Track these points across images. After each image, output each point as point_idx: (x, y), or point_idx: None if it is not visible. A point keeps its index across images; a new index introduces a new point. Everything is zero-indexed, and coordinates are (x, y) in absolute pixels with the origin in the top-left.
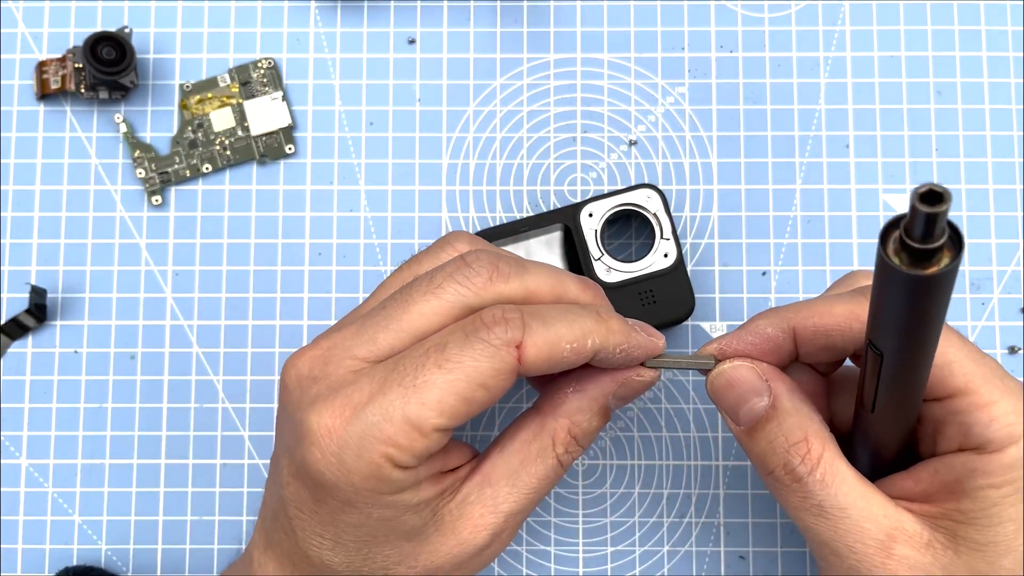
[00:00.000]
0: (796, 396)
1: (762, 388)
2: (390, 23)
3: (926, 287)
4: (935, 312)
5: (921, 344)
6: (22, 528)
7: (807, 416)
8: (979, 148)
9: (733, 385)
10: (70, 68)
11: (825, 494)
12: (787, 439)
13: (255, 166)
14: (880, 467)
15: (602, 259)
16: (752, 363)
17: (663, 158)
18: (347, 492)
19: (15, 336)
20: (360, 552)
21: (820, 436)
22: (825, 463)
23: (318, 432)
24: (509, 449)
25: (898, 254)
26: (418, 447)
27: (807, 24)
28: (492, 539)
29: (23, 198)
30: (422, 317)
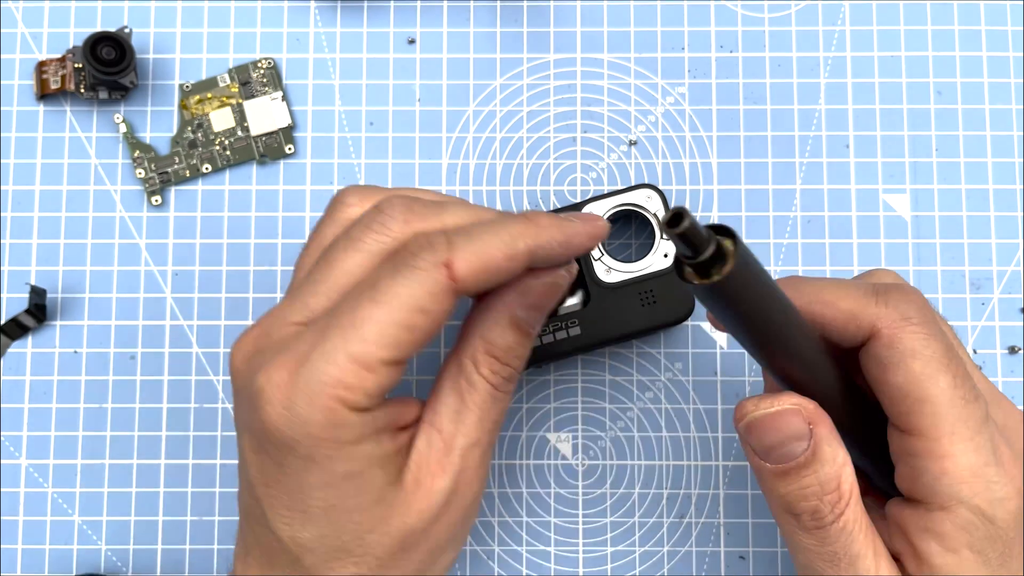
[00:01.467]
0: (835, 440)
1: (804, 433)
2: (390, 23)
3: (720, 291)
4: (746, 306)
5: (759, 335)
6: (22, 528)
7: (843, 462)
8: (979, 148)
9: (777, 427)
10: (70, 68)
11: (841, 543)
12: (822, 488)
13: (255, 166)
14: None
15: (602, 259)
16: (799, 405)
17: (663, 158)
18: (306, 445)
19: (15, 336)
20: (330, 520)
21: (850, 482)
22: (850, 511)
23: (268, 391)
24: (442, 391)
25: (690, 272)
26: (368, 384)
27: (807, 24)
28: (456, 482)
29: (23, 198)
30: (347, 274)
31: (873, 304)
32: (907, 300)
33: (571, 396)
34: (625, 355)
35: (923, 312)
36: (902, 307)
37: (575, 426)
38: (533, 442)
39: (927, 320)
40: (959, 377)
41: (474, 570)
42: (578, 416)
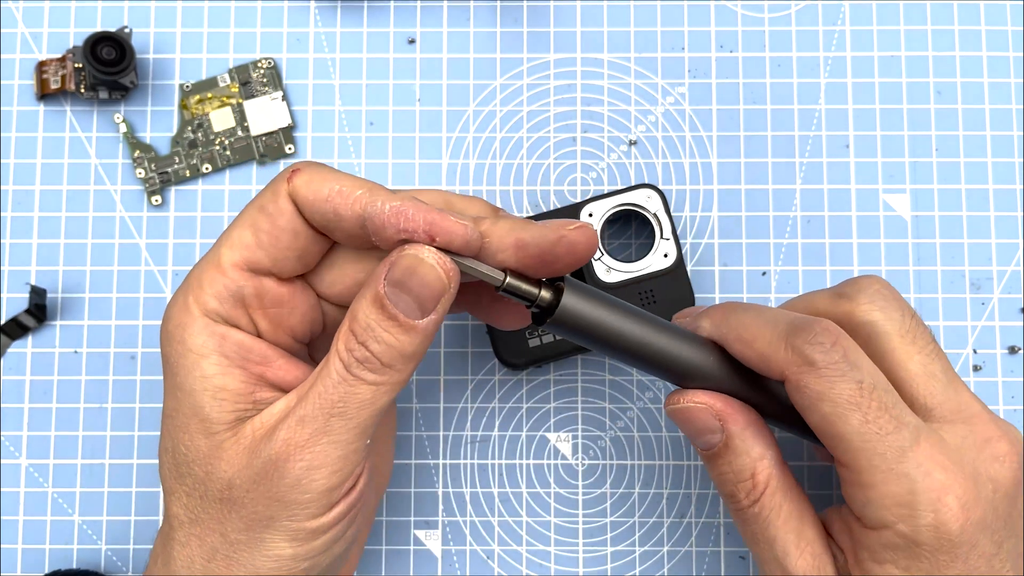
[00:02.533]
0: (749, 433)
1: (715, 427)
2: (390, 23)
3: (558, 328)
4: (585, 337)
5: (609, 351)
6: (22, 528)
7: (757, 455)
8: (979, 148)
9: (690, 420)
10: (70, 68)
11: (758, 526)
12: (735, 476)
13: (255, 166)
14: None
15: (602, 259)
16: (707, 404)
17: (663, 158)
18: (164, 342)
19: (15, 336)
20: (170, 430)
21: (767, 473)
22: (765, 498)
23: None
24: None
25: (539, 320)
26: (217, 284)
27: (807, 24)
28: (276, 452)
29: (23, 198)
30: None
31: (782, 349)
32: (814, 343)
33: (571, 396)
34: None
35: (830, 354)
36: (807, 351)
37: (575, 426)
38: (533, 442)
39: (833, 362)
40: (872, 411)
41: (474, 570)
42: (578, 416)
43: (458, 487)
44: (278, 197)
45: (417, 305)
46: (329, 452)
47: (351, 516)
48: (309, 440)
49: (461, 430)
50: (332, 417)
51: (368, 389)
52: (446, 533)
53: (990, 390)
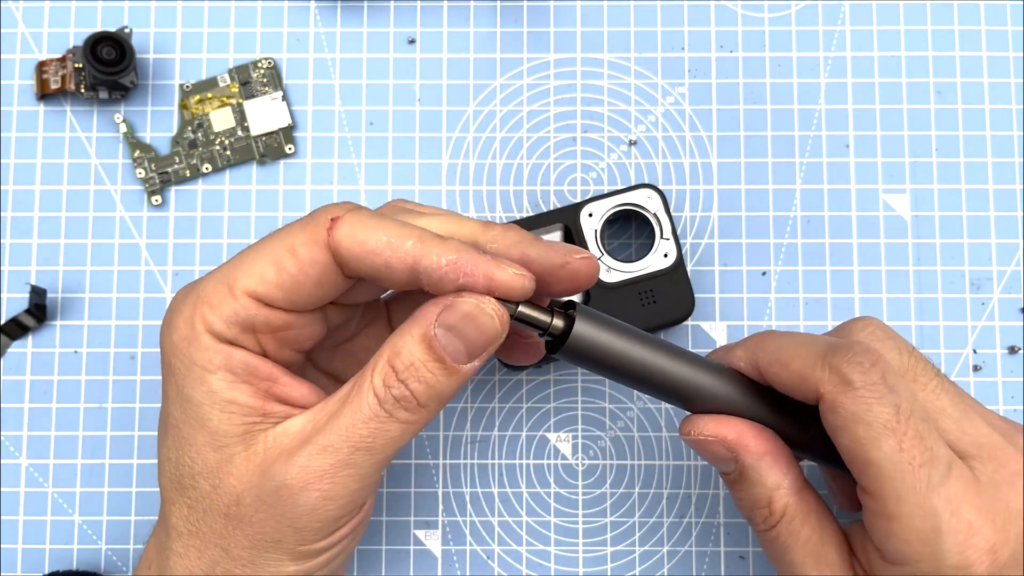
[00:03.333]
0: (764, 464)
1: (728, 458)
2: (390, 23)
3: (570, 357)
4: (598, 366)
5: (624, 379)
6: (22, 528)
7: (773, 485)
8: (979, 148)
9: (702, 451)
10: (70, 68)
11: (777, 550)
12: (753, 503)
13: (255, 166)
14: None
15: (602, 259)
16: (717, 437)
17: (663, 158)
18: (167, 353)
19: (15, 336)
20: (176, 443)
21: (783, 502)
22: (783, 525)
23: (167, 309)
24: (340, 390)
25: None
26: (225, 308)
27: (807, 24)
28: (294, 479)
29: (23, 198)
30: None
31: (818, 368)
32: (852, 362)
33: (571, 396)
34: None
35: (868, 375)
36: (845, 370)
37: (575, 426)
38: (533, 442)
39: (871, 383)
40: (907, 439)
41: (474, 570)
42: (578, 416)
43: (458, 487)
44: (314, 246)
45: (466, 350)
46: (348, 484)
47: (357, 533)
48: (330, 471)
49: (461, 430)
50: (357, 451)
51: (398, 427)
52: (446, 533)
53: (990, 390)
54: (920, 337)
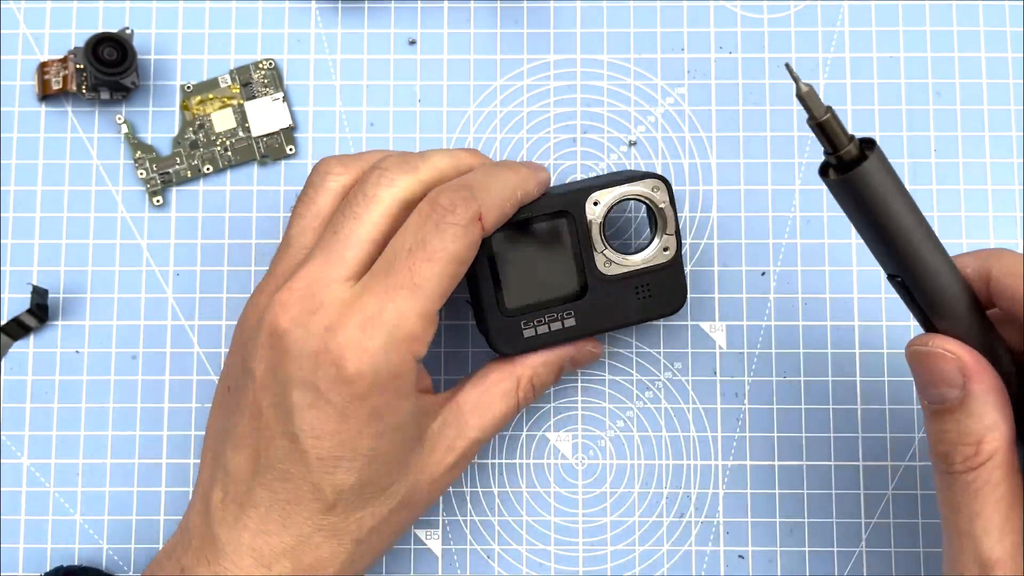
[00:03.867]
0: (990, 399)
1: (957, 382)
2: (391, 24)
3: (853, 185)
4: (878, 206)
5: (895, 243)
6: (23, 528)
7: (991, 423)
8: (978, 149)
9: (932, 368)
10: (71, 69)
11: (966, 496)
12: (960, 438)
13: (256, 167)
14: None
15: (604, 252)
16: (956, 354)
17: (663, 159)
18: (376, 395)
19: (16, 336)
20: (371, 467)
21: (994, 445)
22: (984, 470)
23: (345, 347)
24: (480, 387)
25: (830, 173)
26: (429, 334)
27: (806, 25)
28: (458, 461)
29: (25, 199)
30: (375, 226)
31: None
32: None
33: (571, 396)
34: (625, 355)
35: None
36: None
37: (575, 426)
38: (533, 441)
39: None
40: None
41: (474, 570)
42: (578, 416)
43: (458, 487)
44: (475, 246)
45: (572, 369)
46: None
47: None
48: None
49: None
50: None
51: None
52: (446, 533)
53: None
54: None
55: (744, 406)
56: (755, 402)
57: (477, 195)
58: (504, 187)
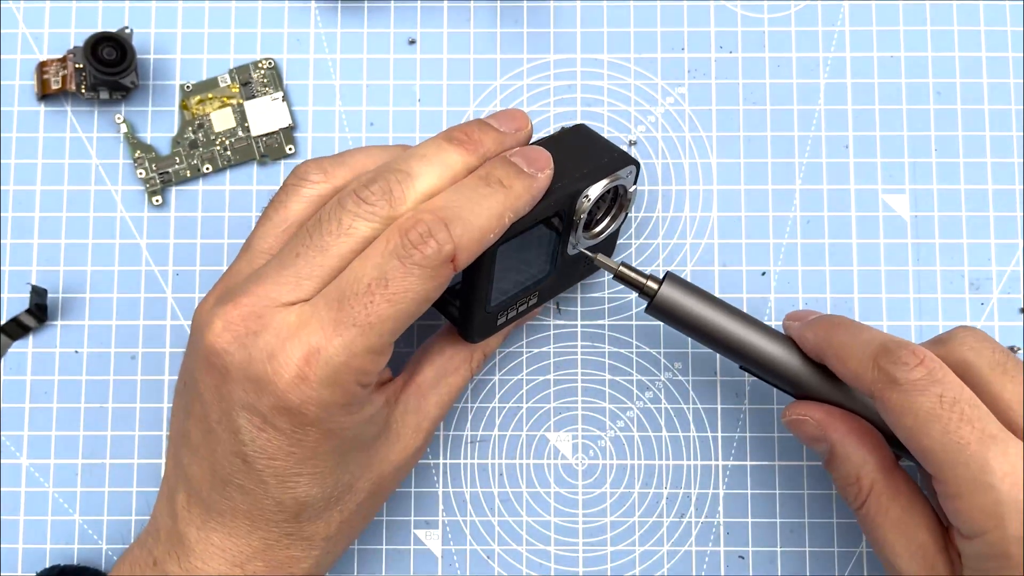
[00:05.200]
0: (850, 440)
1: (819, 437)
2: (390, 24)
3: (660, 309)
4: (688, 318)
5: (722, 343)
6: (23, 528)
7: (860, 460)
8: (979, 148)
9: (798, 433)
10: (71, 68)
11: (869, 528)
12: (844, 480)
13: (255, 166)
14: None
15: (579, 238)
16: (808, 415)
17: (663, 158)
18: (326, 422)
19: (16, 336)
20: (334, 475)
21: (870, 478)
22: (871, 501)
23: (287, 378)
24: (435, 364)
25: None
26: (379, 365)
27: (807, 24)
28: (424, 441)
29: (24, 198)
30: (342, 260)
31: (870, 369)
32: (898, 363)
33: (571, 396)
34: (625, 355)
35: (912, 372)
36: (890, 370)
37: (575, 426)
38: (533, 442)
39: (915, 379)
40: (952, 423)
41: (474, 570)
42: (578, 416)
43: (458, 487)
44: (443, 287)
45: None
46: None
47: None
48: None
49: (461, 430)
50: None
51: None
52: (446, 533)
53: None
54: (920, 337)
55: (744, 406)
56: (755, 402)
57: (454, 230)
58: (488, 216)
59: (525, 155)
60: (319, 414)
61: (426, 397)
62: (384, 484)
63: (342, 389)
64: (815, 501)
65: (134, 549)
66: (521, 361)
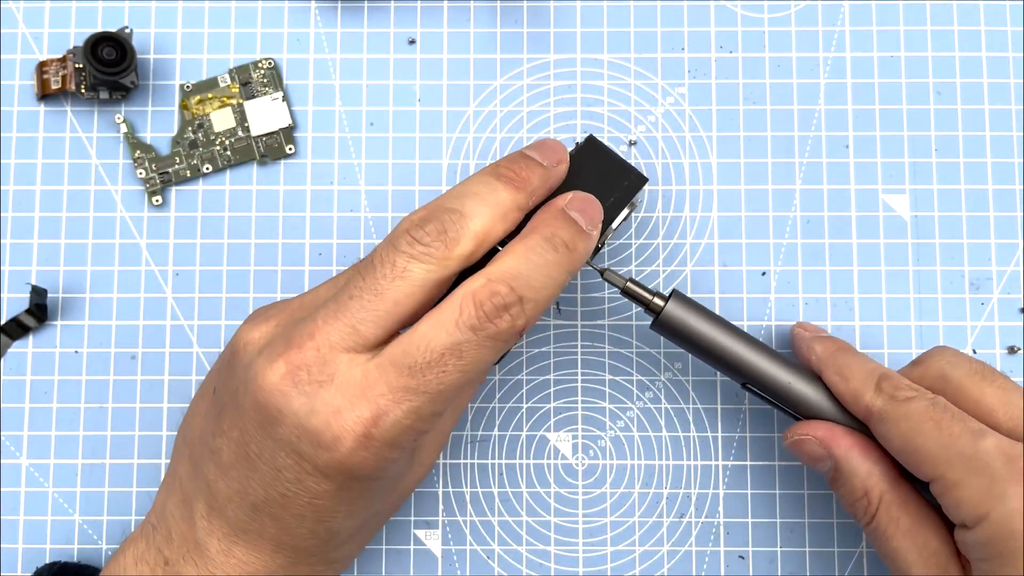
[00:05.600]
0: (854, 454)
1: (823, 455)
2: (390, 23)
3: (666, 325)
4: (693, 335)
5: (724, 360)
6: (23, 528)
7: (865, 472)
8: (979, 148)
9: (802, 454)
10: (71, 68)
11: (880, 541)
12: (852, 495)
13: (255, 166)
14: None
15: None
16: (810, 433)
17: (663, 158)
18: (379, 473)
19: (16, 336)
20: (369, 508)
21: (878, 489)
22: (881, 513)
23: (354, 439)
24: None
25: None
26: (436, 425)
27: (807, 24)
28: (438, 454)
29: (24, 198)
30: (398, 304)
31: (871, 389)
32: (898, 386)
33: (571, 396)
34: (625, 355)
35: (909, 391)
36: (891, 391)
37: (575, 426)
38: (533, 442)
39: (911, 396)
40: (944, 421)
41: (474, 570)
42: (578, 416)
43: (458, 487)
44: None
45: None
46: None
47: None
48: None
49: (461, 430)
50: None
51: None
52: (446, 533)
53: None
54: (920, 337)
55: (744, 406)
56: (755, 402)
57: (526, 304)
58: (556, 285)
59: (584, 212)
60: (375, 469)
61: (443, 417)
62: (400, 501)
63: (401, 448)
64: (815, 501)
65: (139, 543)
66: (521, 361)
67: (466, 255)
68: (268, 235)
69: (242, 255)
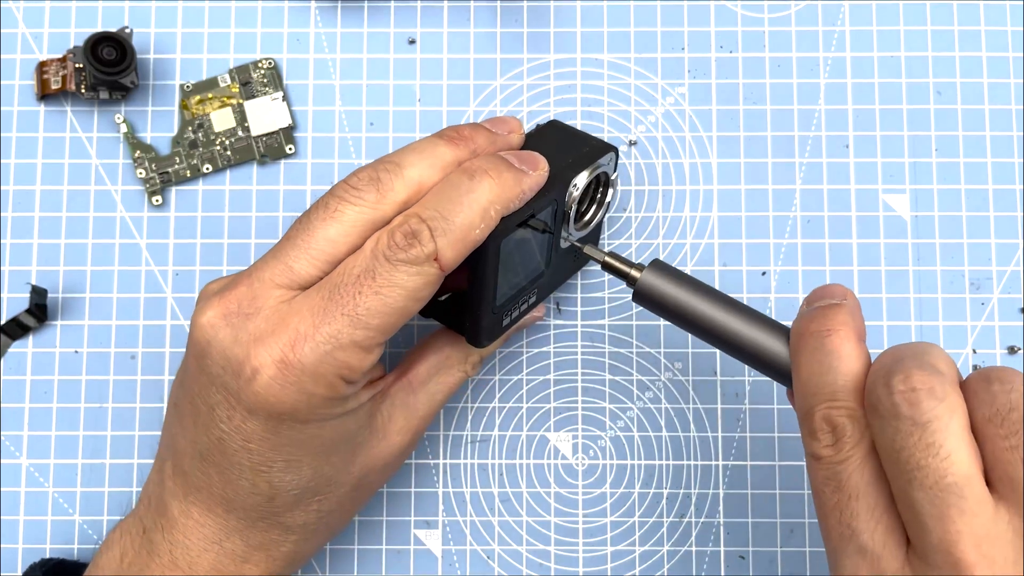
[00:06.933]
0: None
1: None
2: (390, 23)
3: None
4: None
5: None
6: (22, 528)
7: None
8: (979, 148)
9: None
10: (71, 68)
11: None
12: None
13: (255, 166)
14: None
15: (571, 229)
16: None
17: (663, 158)
18: (304, 414)
19: (15, 336)
20: (312, 467)
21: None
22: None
23: (273, 366)
24: (429, 362)
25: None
26: (366, 364)
27: (807, 24)
28: (411, 441)
29: (24, 198)
30: (330, 242)
31: (806, 427)
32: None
33: (571, 396)
34: (625, 355)
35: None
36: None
37: (575, 426)
38: (533, 442)
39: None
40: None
41: (474, 570)
42: (578, 416)
43: (458, 487)
44: (432, 286)
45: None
46: None
47: None
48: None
49: (461, 430)
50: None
51: None
52: (446, 533)
53: None
54: (920, 337)
55: (744, 406)
56: (755, 402)
57: (435, 229)
58: (471, 211)
59: (517, 154)
60: (296, 404)
61: (416, 394)
62: (369, 480)
63: (324, 381)
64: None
65: (128, 517)
66: (521, 361)
67: (400, 201)
68: (268, 235)
69: (242, 255)
